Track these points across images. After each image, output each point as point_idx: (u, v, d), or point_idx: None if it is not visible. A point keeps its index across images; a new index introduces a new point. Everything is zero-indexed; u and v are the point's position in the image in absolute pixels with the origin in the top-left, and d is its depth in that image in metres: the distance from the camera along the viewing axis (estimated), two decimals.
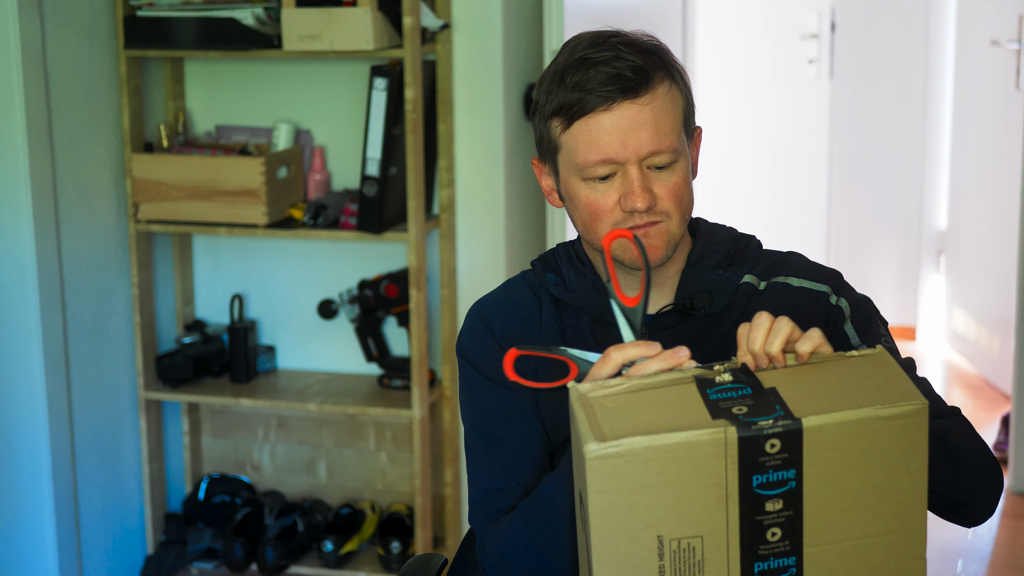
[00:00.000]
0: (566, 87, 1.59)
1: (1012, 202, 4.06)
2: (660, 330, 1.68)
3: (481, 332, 1.73)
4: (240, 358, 3.41)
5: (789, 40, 5.39)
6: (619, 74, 1.57)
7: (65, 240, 3.11)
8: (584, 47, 1.61)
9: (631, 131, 1.58)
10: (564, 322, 1.71)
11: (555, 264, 1.74)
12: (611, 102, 1.57)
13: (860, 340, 1.68)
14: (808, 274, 1.71)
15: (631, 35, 1.63)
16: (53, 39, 3.04)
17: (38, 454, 3.07)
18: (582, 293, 1.69)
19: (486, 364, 1.71)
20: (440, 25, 3.18)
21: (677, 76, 1.63)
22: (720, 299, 1.67)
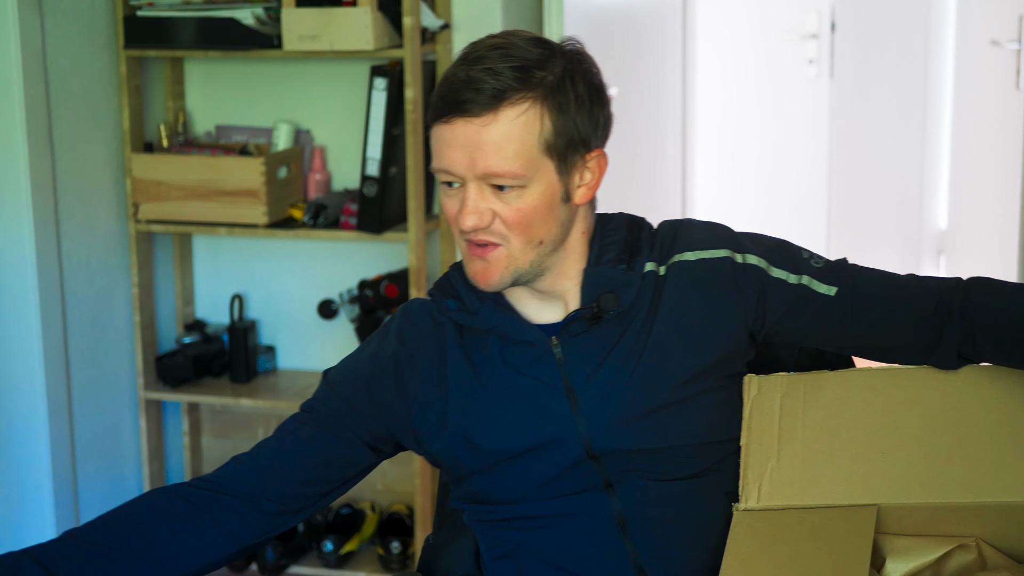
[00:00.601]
0: (436, 91, 1.58)
1: (1012, 202, 4.06)
2: (571, 337, 1.64)
3: (362, 366, 1.72)
4: (240, 358, 3.41)
5: (789, 40, 5.39)
6: (461, 91, 1.53)
7: (65, 240, 3.11)
8: (463, 55, 1.58)
9: (464, 148, 1.54)
10: (470, 348, 1.67)
11: (452, 288, 1.69)
12: (449, 116, 1.55)
13: (796, 275, 1.64)
14: (701, 243, 1.66)
15: (520, 45, 1.57)
16: (53, 39, 3.04)
17: (38, 454, 3.07)
18: (485, 315, 1.65)
19: (342, 383, 1.71)
20: (440, 25, 3.18)
21: (555, 99, 1.56)
22: (627, 295, 1.63)
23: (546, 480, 1.64)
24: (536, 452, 1.63)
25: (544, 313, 1.67)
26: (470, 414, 1.65)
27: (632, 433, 1.62)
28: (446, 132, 1.56)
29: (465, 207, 1.56)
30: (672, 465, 1.63)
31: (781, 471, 1.56)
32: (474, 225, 1.56)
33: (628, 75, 3.89)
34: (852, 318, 1.63)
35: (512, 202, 1.56)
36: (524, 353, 1.64)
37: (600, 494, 1.64)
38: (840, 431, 1.58)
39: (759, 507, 1.54)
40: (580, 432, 1.62)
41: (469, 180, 1.56)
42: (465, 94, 1.53)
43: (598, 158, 1.63)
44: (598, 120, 1.61)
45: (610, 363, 1.62)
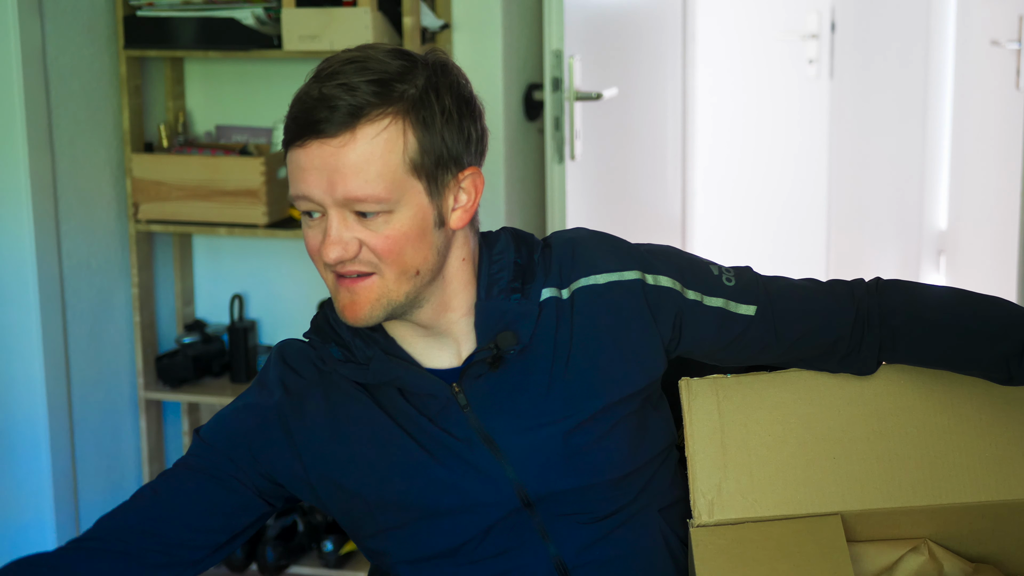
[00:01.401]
0: (288, 113, 1.45)
1: (1012, 202, 4.06)
2: (473, 381, 1.51)
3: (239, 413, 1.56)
4: (240, 358, 3.41)
5: (789, 40, 5.39)
6: (315, 108, 1.40)
7: (65, 240, 3.11)
8: (315, 72, 1.45)
9: (321, 172, 1.40)
10: (377, 400, 1.52)
11: (333, 332, 1.53)
12: (303, 139, 1.41)
13: (712, 297, 1.56)
14: (608, 264, 1.54)
15: (378, 57, 1.44)
16: (53, 39, 3.04)
17: (38, 454, 3.07)
18: (375, 369, 1.50)
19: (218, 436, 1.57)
20: (440, 25, 3.18)
21: (418, 114, 1.43)
22: (525, 328, 1.50)
23: (477, 534, 1.53)
24: (462, 510, 1.52)
25: (437, 355, 1.53)
26: (377, 477, 1.52)
27: (565, 473, 1.52)
28: (301, 156, 1.41)
29: (328, 238, 1.42)
30: (602, 501, 1.55)
31: (731, 481, 1.51)
32: (338, 257, 1.42)
33: (628, 75, 3.89)
34: (774, 336, 1.56)
35: (379, 229, 1.42)
36: (429, 404, 1.51)
37: (536, 543, 1.54)
38: (787, 436, 1.54)
39: (713, 522, 1.50)
40: (512, 480, 1.51)
41: (330, 207, 1.42)
42: (319, 113, 1.40)
43: (472, 177, 1.49)
44: (469, 135, 1.48)
45: (523, 404, 1.51)
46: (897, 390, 1.56)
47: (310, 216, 1.45)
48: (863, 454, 1.53)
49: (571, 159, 3.30)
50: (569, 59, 3.23)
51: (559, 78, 3.23)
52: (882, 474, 1.51)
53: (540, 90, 3.43)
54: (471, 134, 1.48)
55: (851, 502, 1.49)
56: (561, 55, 3.21)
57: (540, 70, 3.46)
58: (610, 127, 3.71)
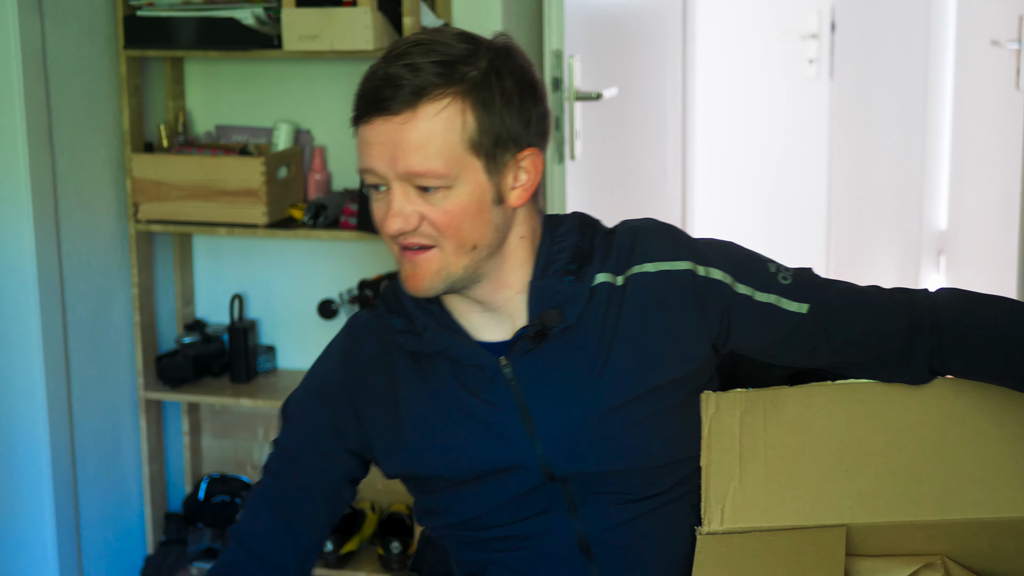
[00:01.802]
0: (358, 88, 1.54)
1: (1012, 202, 4.06)
2: (520, 356, 1.57)
3: (313, 393, 1.65)
4: (240, 358, 3.41)
5: (789, 40, 5.39)
6: (380, 87, 1.49)
7: (65, 240, 3.11)
8: (385, 53, 1.54)
9: (385, 147, 1.48)
10: (422, 368, 1.60)
11: (399, 304, 1.61)
12: (368, 116, 1.50)
13: (764, 293, 1.57)
14: (662, 254, 1.58)
15: (445, 41, 1.51)
16: (53, 39, 3.04)
17: (38, 454, 3.07)
18: (430, 337, 1.57)
19: (304, 426, 1.65)
20: (440, 25, 3.19)
21: (478, 95, 1.49)
22: (572, 310, 1.55)
23: (503, 503, 1.59)
24: (492, 477, 1.58)
25: (491, 329, 1.59)
26: (425, 438, 1.59)
27: (594, 456, 1.56)
28: (366, 132, 1.50)
29: (390, 210, 1.49)
30: (637, 486, 1.58)
31: (744, 492, 1.51)
32: (399, 229, 1.49)
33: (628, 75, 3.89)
34: (824, 337, 1.57)
35: (439, 204, 1.49)
36: (476, 375, 1.57)
37: (562, 517, 1.59)
38: (803, 449, 1.53)
39: (723, 530, 1.50)
40: (538, 456, 1.56)
41: (393, 181, 1.49)
42: (384, 91, 1.48)
43: (532, 157, 1.54)
44: (529, 117, 1.53)
45: (566, 383, 1.56)
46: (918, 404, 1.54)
47: (376, 189, 1.52)
48: (877, 467, 1.51)
49: (571, 159, 3.30)
50: (569, 59, 3.23)
51: (559, 78, 3.23)
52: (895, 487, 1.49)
53: None
54: (531, 116, 1.53)
55: (861, 514, 1.48)
56: (561, 55, 3.21)
57: (540, 70, 3.46)
58: (610, 127, 3.71)
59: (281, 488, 1.65)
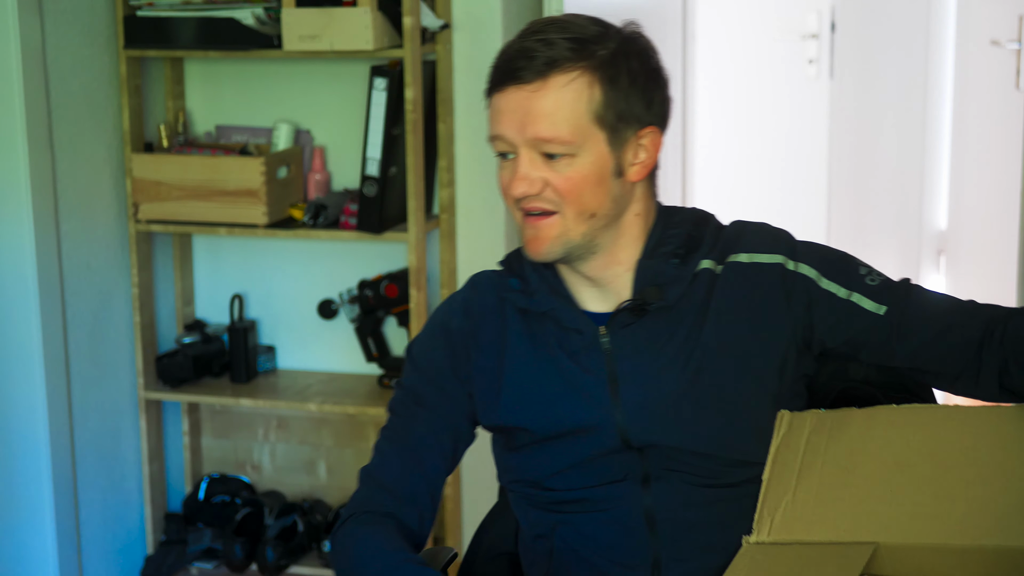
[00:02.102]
0: (494, 61, 1.63)
1: (1012, 202, 4.06)
2: (619, 328, 1.65)
3: (436, 336, 1.74)
4: (240, 358, 3.41)
5: (789, 40, 5.38)
6: (515, 58, 1.58)
7: (65, 240, 3.11)
8: (523, 29, 1.63)
9: (515, 114, 1.58)
10: (531, 326, 1.69)
11: (518, 266, 1.72)
12: (502, 84, 1.60)
13: (847, 291, 1.63)
14: (758, 246, 1.66)
15: (578, 22, 1.61)
16: (53, 39, 3.04)
17: (38, 454, 3.07)
18: (540, 299, 1.68)
19: (428, 364, 1.73)
20: (440, 25, 3.18)
21: (606, 71, 1.58)
22: (673, 291, 1.63)
23: (579, 463, 1.66)
24: (571, 437, 1.65)
25: (596, 302, 1.68)
26: (519, 390, 1.68)
27: (669, 429, 1.62)
28: (499, 100, 1.60)
29: (516, 174, 1.59)
30: (710, 472, 1.64)
31: (795, 506, 1.54)
32: (524, 192, 1.59)
33: None
34: (898, 339, 1.61)
35: (563, 170, 1.58)
36: (575, 340, 1.66)
37: (634, 488, 1.65)
38: (855, 468, 1.55)
39: (768, 541, 1.52)
40: (617, 422, 1.64)
41: (520, 147, 1.59)
42: (518, 62, 1.57)
43: (652, 136, 1.63)
44: (652, 98, 1.62)
45: (658, 358, 1.64)
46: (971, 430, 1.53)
47: (504, 157, 1.61)
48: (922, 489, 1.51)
49: None
50: None
51: None
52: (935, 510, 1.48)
53: None
54: (654, 98, 1.62)
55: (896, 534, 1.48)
56: None
57: None
58: None
59: (406, 426, 1.72)
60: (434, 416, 1.71)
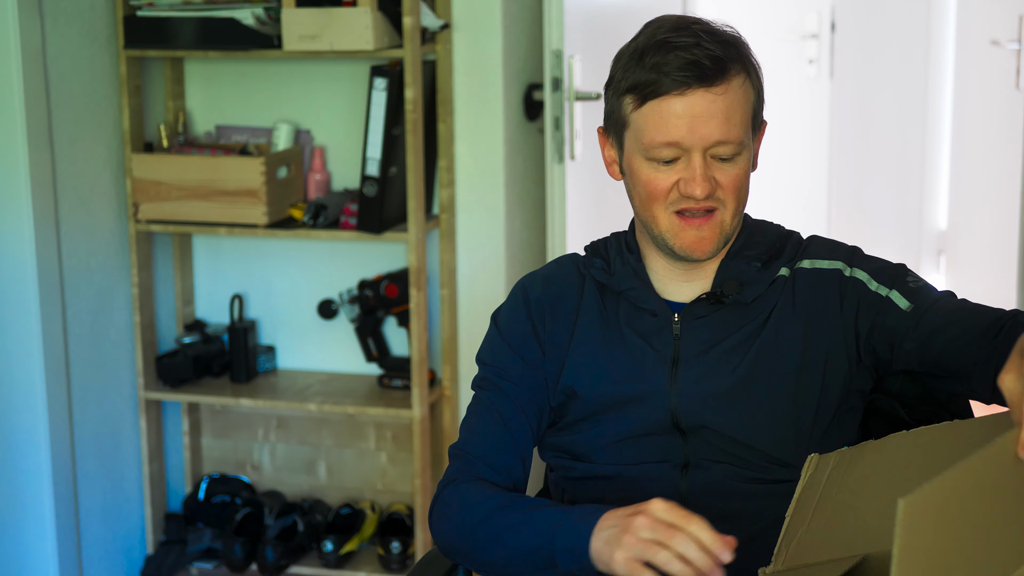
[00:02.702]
0: (644, 67, 1.62)
1: (1012, 202, 4.06)
2: (693, 319, 1.71)
3: (519, 305, 1.78)
4: (240, 358, 3.41)
5: (789, 40, 5.39)
6: (697, 61, 1.59)
7: (65, 240, 3.11)
8: (666, 30, 1.63)
9: (701, 119, 1.60)
10: (605, 304, 1.75)
11: (604, 251, 1.78)
12: (686, 87, 1.59)
13: (888, 289, 1.69)
14: (822, 253, 1.74)
15: (712, 24, 1.66)
16: (53, 39, 3.04)
17: (38, 454, 3.07)
18: (620, 277, 1.73)
19: (512, 333, 1.76)
20: (440, 25, 3.18)
21: (752, 70, 1.65)
22: (750, 291, 1.70)
23: (625, 438, 1.70)
24: (624, 407, 1.70)
25: (674, 293, 1.74)
26: (583, 356, 1.73)
27: (719, 414, 1.67)
28: (678, 104, 1.60)
29: (697, 176, 1.61)
30: (753, 465, 1.68)
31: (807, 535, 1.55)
32: (706, 191, 1.61)
33: None
34: (923, 333, 1.65)
35: (729, 169, 1.63)
36: (647, 321, 1.71)
37: (672, 472, 1.68)
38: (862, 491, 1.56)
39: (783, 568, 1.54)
40: (670, 400, 1.68)
41: (695, 151, 1.61)
42: (703, 65, 1.59)
43: (763, 129, 1.71)
44: (764, 96, 1.69)
45: (720, 349, 1.69)
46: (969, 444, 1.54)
47: (663, 163, 1.63)
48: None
49: (571, 159, 3.30)
50: (569, 59, 3.23)
51: (559, 78, 3.23)
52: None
53: (540, 90, 3.43)
54: (764, 95, 1.70)
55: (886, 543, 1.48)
56: (561, 55, 3.21)
57: (540, 70, 3.46)
58: None
59: (493, 400, 1.74)
60: (520, 388, 1.74)
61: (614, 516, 1.47)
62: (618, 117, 1.67)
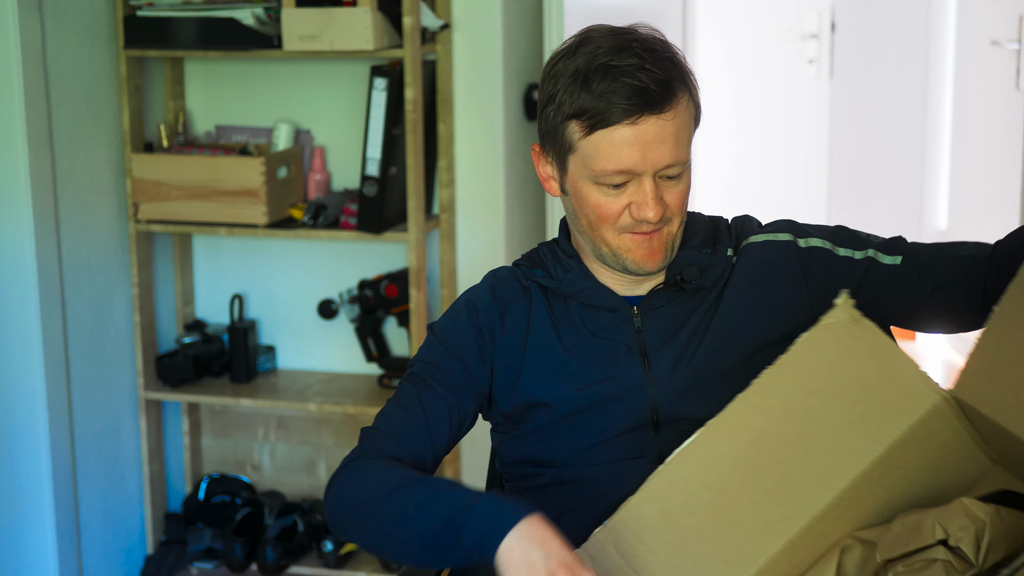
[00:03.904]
0: (592, 93, 1.60)
1: (1012, 202, 4.06)
2: (651, 310, 1.72)
3: (462, 314, 1.75)
4: (240, 358, 3.41)
5: (789, 40, 5.39)
6: (646, 88, 1.58)
7: (65, 240, 3.11)
8: (606, 52, 1.62)
9: (652, 144, 1.60)
10: (554, 310, 1.74)
11: (541, 261, 1.77)
12: (638, 116, 1.59)
13: (862, 251, 1.72)
14: (767, 228, 1.77)
15: (645, 37, 1.65)
16: (53, 39, 3.04)
17: (38, 454, 3.07)
18: (570, 281, 1.73)
19: (452, 337, 1.74)
20: (440, 25, 3.18)
21: (690, 83, 1.65)
22: (711, 275, 1.71)
23: (599, 442, 1.69)
24: (603, 407, 1.69)
25: (626, 289, 1.74)
26: (544, 364, 1.71)
27: (697, 401, 1.67)
28: (629, 133, 1.59)
29: (648, 200, 1.61)
30: None
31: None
32: (660, 214, 1.62)
33: None
34: (919, 281, 1.70)
35: (676, 187, 1.65)
36: (604, 319, 1.71)
37: (646, 468, 1.65)
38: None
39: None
40: (649, 394, 1.69)
41: (646, 176, 1.62)
42: (651, 91, 1.58)
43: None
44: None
45: (682, 334, 1.70)
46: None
47: (609, 188, 1.63)
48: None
49: None
50: None
51: None
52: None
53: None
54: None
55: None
56: None
57: (540, 70, 3.46)
58: None
59: (419, 393, 1.71)
60: (449, 392, 1.71)
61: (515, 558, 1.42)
62: (562, 141, 1.64)
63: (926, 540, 1.38)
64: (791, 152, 5.53)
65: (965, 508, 1.37)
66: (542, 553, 1.41)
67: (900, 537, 1.41)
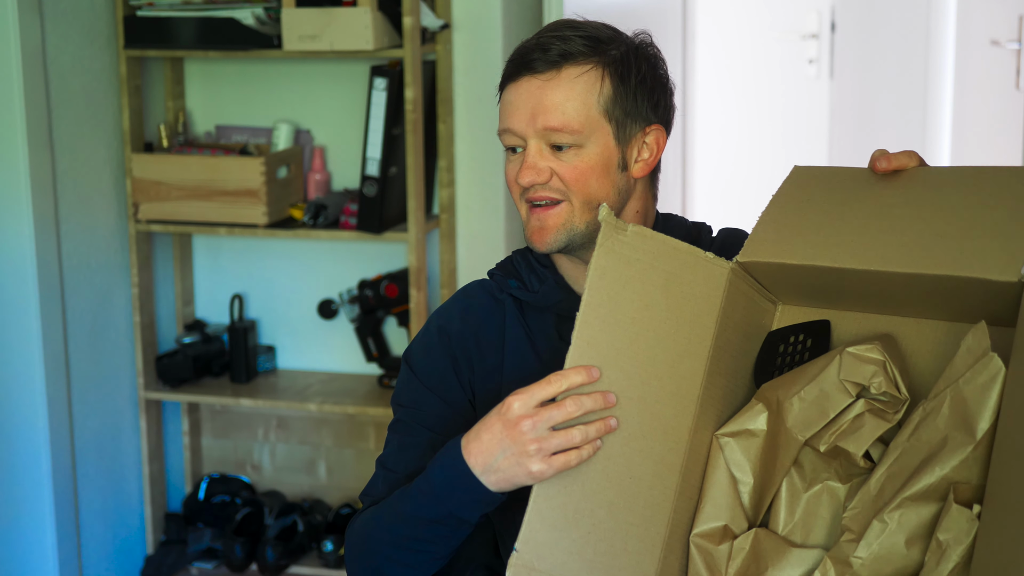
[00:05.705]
0: (509, 57, 1.67)
1: None
2: None
3: (434, 343, 1.73)
4: (240, 358, 3.41)
5: (789, 40, 5.39)
6: (530, 51, 1.62)
7: (65, 240, 3.11)
8: (545, 27, 1.67)
9: (528, 104, 1.61)
10: (530, 324, 1.72)
11: (515, 271, 1.76)
12: (518, 75, 1.63)
13: None
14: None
15: (595, 25, 1.67)
16: (53, 39, 3.04)
17: (38, 454, 3.07)
18: (544, 293, 1.71)
19: (427, 372, 1.72)
20: (440, 25, 3.18)
21: (616, 68, 1.63)
22: None
23: None
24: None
25: None
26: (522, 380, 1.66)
27: None
28: (511, 92, 1.63)
29: (524, 163, 1.62)
30: None
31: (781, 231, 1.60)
32: (531, 180, 1.61)
33: None
34: None
35: (570, 160, 1.62)
36: None
37: None
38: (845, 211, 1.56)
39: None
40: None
41: (530, 139, 1.62)
42: (533, 54, 1.62)
43: (656, 134, 1.67)
44: (659, 102, 1.67)
45: None
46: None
47: (512, 151, 1.65)
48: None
49: None
50: None
51: None
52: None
53: None
54: (660, 101, 1.68)
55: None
56: None
57: None
58: None
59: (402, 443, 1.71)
60: (434, 432, 1.69)
61: (481, 443, 1.47)
62: None
63: (843, 402, 1.42)
64: (791, 152, 5.53)
65: (856, 357, 1.41)
66: (505, 452, 1.45)
67: (810, 412, 1.44)
